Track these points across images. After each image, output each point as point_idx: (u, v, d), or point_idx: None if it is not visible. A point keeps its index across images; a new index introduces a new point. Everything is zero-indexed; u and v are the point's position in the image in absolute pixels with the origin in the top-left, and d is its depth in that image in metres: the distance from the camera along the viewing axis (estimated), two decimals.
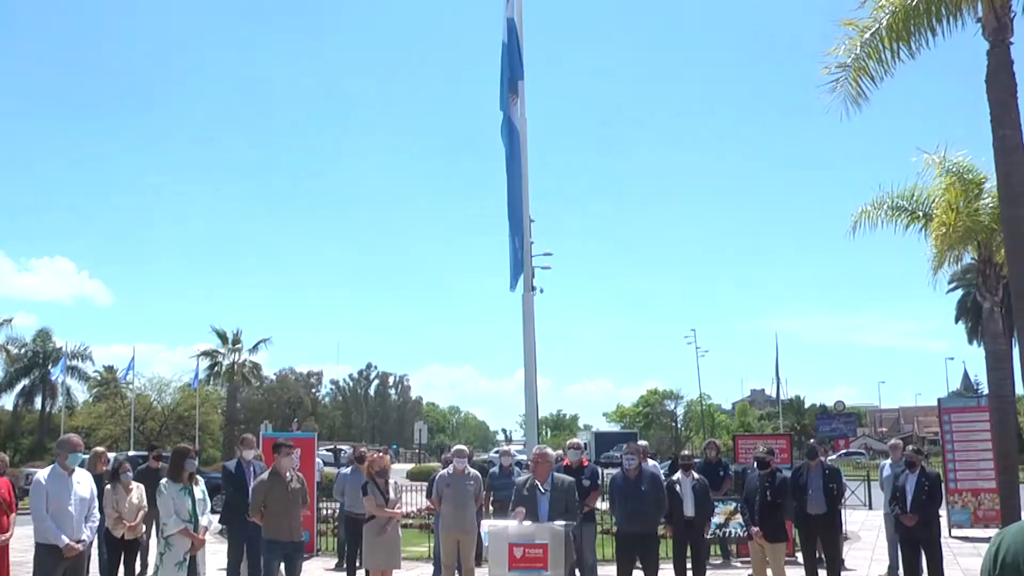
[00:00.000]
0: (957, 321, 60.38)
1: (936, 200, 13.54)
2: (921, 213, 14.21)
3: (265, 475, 9.75)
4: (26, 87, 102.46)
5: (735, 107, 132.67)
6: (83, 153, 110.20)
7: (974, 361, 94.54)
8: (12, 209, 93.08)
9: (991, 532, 17.14)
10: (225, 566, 11.64)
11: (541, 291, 13.83)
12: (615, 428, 76.81)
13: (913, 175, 14.79)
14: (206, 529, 8.91)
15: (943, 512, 13.34)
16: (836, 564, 11.72)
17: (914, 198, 14.26)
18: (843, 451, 57.07)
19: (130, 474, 11.86)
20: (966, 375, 73.79)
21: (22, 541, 13.19)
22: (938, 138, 33.85)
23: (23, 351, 58.25)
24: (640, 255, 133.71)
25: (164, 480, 8.87)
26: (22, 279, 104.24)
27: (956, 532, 17.72)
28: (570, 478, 9.83)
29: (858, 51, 12.50)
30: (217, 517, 12.53)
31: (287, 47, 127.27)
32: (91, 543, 9.26)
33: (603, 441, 59.42)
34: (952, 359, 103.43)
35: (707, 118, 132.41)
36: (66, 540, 8.09)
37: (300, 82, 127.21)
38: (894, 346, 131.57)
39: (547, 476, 9.35)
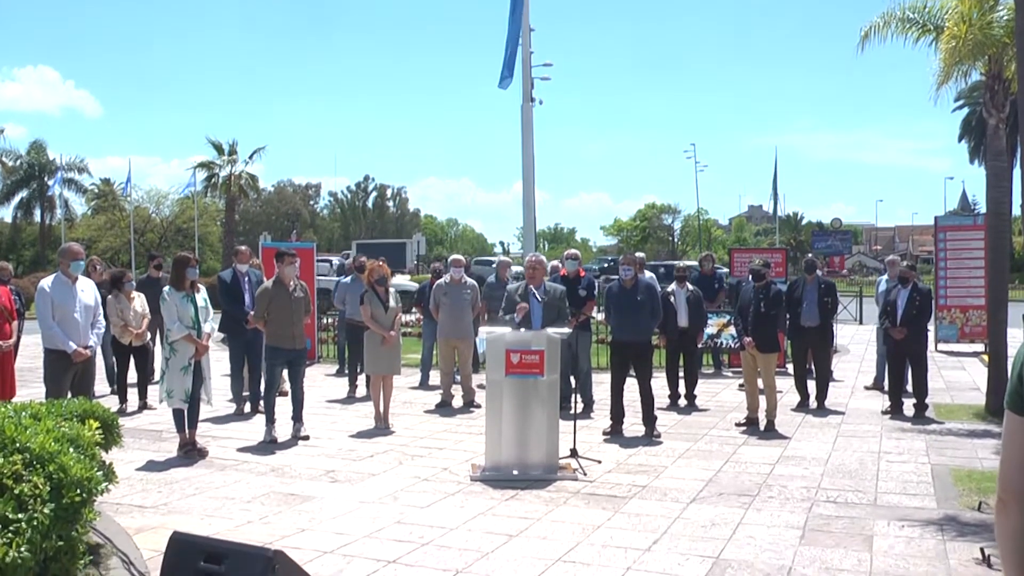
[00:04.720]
0: (960, 140, 60.06)
1: (949, 12, 13.06)
2: (932, 26, 13.76)
3: (269, 283, 9.83)
4: None
5: None
6: None
7: (974, 181, 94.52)
8: None
9: (976, 347, 17.61)
10: (228, 372, 11.97)
11: (540, 102, 13.67)
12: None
13: None
14: (209, 336, 9.07)
15: (931, 327, 13.62)
16: (825, 375, 12.06)
17: (926, 9, 13.76)
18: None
19: (132, 283, 12.03)
20: (964, 194, 73.96)
21: (30, 348, 13.52)
22: None
23: (18, 163, 57.81)
24: (642, 68, 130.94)
25: (167, 288, 8.97)
26: (6, 88, 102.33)
27: (942, 347, 18.19)
28: (562, 287, 10.00)
29: None
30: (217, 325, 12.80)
31: None
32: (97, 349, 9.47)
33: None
34: (951, 178, 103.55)
35: None
36: (73, 346, 8.24)
37: None
38: (894, 164, 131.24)
39: (541, 284, 9.48)
